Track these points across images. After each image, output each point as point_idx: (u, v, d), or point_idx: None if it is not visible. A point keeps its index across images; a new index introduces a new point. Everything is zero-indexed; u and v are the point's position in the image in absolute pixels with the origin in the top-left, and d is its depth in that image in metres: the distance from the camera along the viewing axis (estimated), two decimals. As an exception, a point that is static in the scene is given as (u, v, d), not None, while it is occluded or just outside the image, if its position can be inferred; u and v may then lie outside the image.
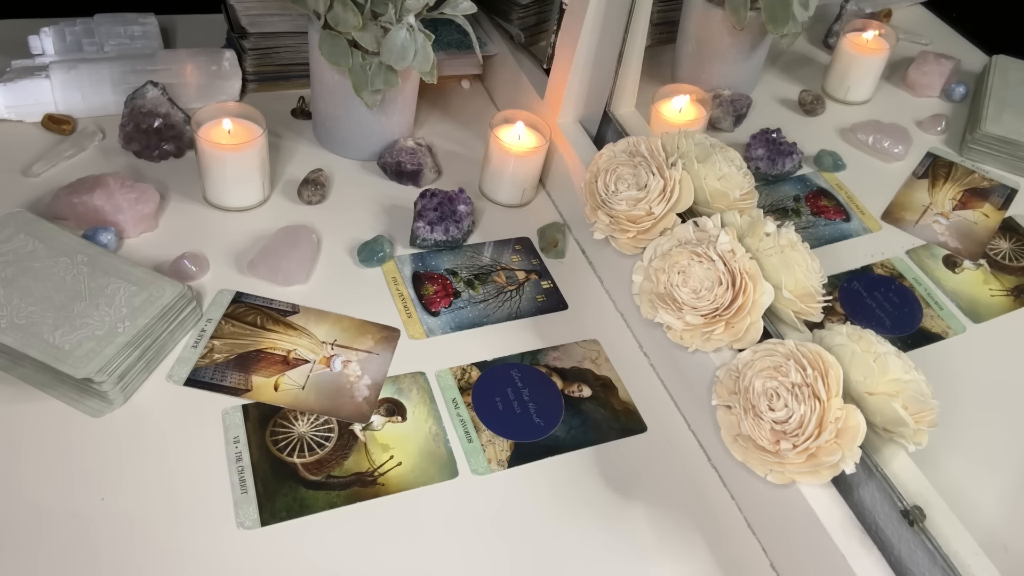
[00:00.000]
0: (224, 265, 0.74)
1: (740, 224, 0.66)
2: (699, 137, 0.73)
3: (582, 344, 0.74)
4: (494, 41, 0.98)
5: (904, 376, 0.55)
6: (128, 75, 0.86)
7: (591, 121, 0.85)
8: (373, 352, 0.69)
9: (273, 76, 0.94)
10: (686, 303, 0.63)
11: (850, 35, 0.96)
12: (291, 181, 0.84)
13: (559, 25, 0.83)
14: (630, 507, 0.63)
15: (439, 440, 0.64)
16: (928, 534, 0.53)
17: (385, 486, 0.61)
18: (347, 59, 0.77)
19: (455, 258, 0.80)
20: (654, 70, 0.86)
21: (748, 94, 0.93)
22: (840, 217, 0.83)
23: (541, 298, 0.77)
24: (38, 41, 0.86)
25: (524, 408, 0.68)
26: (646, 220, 0.69)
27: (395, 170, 0.86)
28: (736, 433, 0.59)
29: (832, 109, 0.97)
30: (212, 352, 0.67)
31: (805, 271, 0.62)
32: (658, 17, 0.89)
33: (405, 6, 0.73)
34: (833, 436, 0.54)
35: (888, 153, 0.90)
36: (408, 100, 0.86)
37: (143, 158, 0.83)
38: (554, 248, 0.82)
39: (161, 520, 0.56)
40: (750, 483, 0.61)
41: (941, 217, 0.83)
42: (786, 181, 0.86)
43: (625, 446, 0.67)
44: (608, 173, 0.71)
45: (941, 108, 0.98)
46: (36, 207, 0.75)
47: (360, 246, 0.77)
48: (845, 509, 0.56)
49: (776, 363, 0.56)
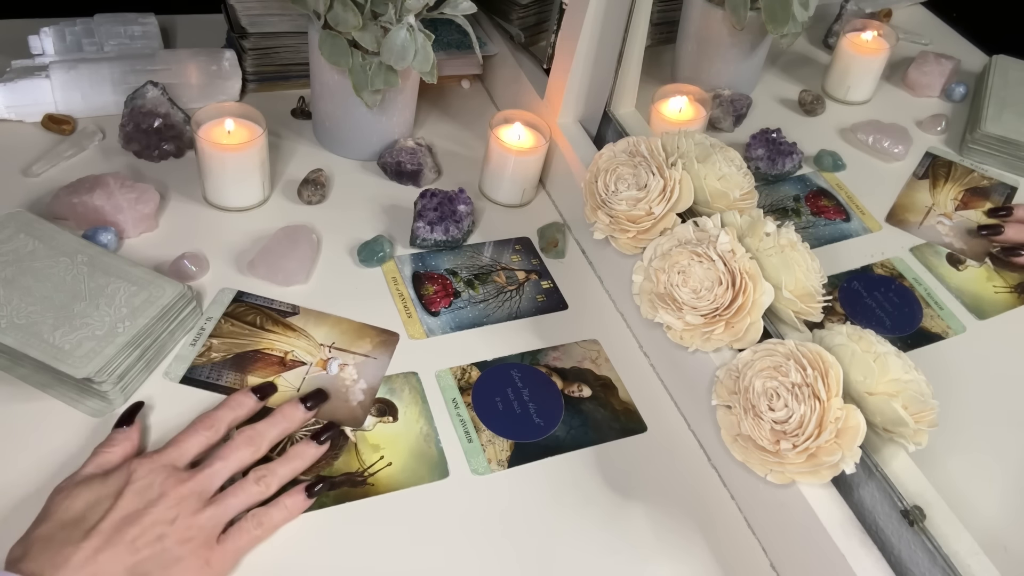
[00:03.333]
0: (224, 265, 0.74)
1: (740, 224, 0.66)
2: (699, 137, 0.73)
3: (582, 344, 0.74)
4: (494, 41, 0.98)
5: (904, 376, 0.55)
6: (128, 75, 0.86)
7: (591, 121, 0.85)
8: (371, 356, 0.69)
9: (273, 76, 0.94)
10: (686, 303, 0.63)
11: (850, 35, 0.96)
12: (291, 181, 0.84)
13: (559, 25, 0.83)
14: (630, 507, 0.63)
15: (430, 440, 0.64)
16: (928, 534, 0.53)
17: (375, 486, 0.61)
18: (347, 59, 0.77)
19: (455, 258, 0.80)
20: (654, 70, 0.86)
21: (748, 94, 0.93)
22: (840, 217, 0.83)
23: (541, 298, 0.77)
24: (38, 41, 0.86)
25: (524, 408, 0.68)
26: (646, 220, 0.69)
27: (395, 170, 0.86)
28: (736, 433, 0.59)
29: (832, 109, 0.97)
30: (210, 351, 0.67)
31: (805, 271, 0.62)
32: (658, 17, 0.89)
33: (405, 6, 0.73)
34: (833, 436, 0.54)
35: (888, 153, 0.90)
36: (408, 100, 0.86)
37: (143, 158, 0.83)
38: (554, 248, 0.82)
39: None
40: (750, 483, 0.61)
41: (944, 218, 0.83)
42: (786, 181, 0.86)
43: (625, 446, 0.67)
44: (608, 173, 0.71)
45: (941, 108, 0.98)
46: (36, 207, 0.75)
47: (360, 246, 0.77)
48: (845, 509, 0.56)
49: (776, 363, 0.56)
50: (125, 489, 0.51)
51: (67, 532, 0.49)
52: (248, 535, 0.54)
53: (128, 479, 0.52)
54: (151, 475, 0.52)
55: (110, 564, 0.48)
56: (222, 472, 0.55)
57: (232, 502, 0.54)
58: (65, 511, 0.50)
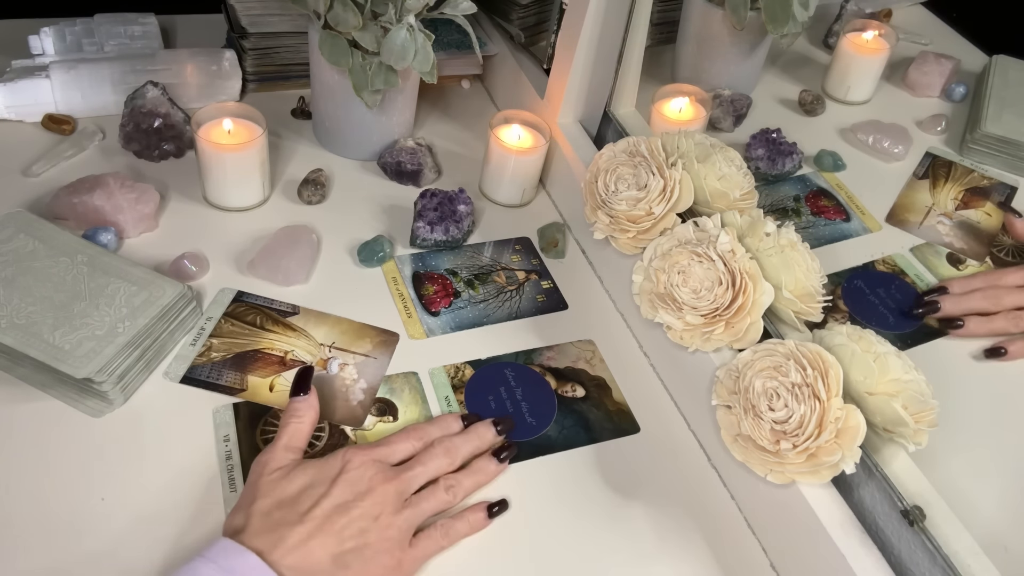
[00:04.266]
0: (224, 265, 0.74)
1: (740, 224, 0.66)
2: (699, 137, 0.73)
3: (577, 344, 0.74)
4: (494, 41, 0.98)
5: (904, 376, 0.55)
6: (128, 75, 0.86)
7: (591, 121, 0.85)
8: (371, 356, 0.69)
9: (273, 76, 0.94)
10: (686, 303, 0.63)
11: (850, 35, 0.96)
12: (291, 181, 0.84)
13: (559, 25, 0.83)
14: (629, 507, 0.63)
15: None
16: (928, 534, 0.53)
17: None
18: (347, 59, 0.77)
19: (455, 258, 0.80)
20: (654, 70, 0.86)
21: (748, 94, 0.93)
22: (840, 217, 0.83)
23: (541, 298, 0.77)
24: (38, 41, 0.86)
25: (517, 407, 0.68)
26: (646, 220, 0.69)
27: (395, 170, 0.86)
28: (736, 433, 0.59)
29: (832, 109, 0.97)
30: (210, 351, 0.67)
31: (805, 271, 0.62)
32: (658, 17, 0.89)
33: (405, 6, 0.73)
34: (833, 436, 0.54)
35: (888, 153, 0.90)
36: (408, 100, 0.86)
37: (143, 158, 0.83)
38: (554, 248, 0.82)
39: (160, 520, 0.56)
40: (750, 483, 0.61)
41: (945, 218, 0.83)
42: (786, 181, 0.86)
43: (622, 446, 0.67)
44: (608, 173, 0.71)
45: (941, 108, 0.98)
46: (36, 207, 0.75)
47: (360, 246, 0.77)
48: (845, 509, 0.56)
49: (776, 363, 0.56)
50: (339, 477, 0.54)
51: (283, 512, 0.52)
52: (435, 543, 0.56)
53: (343, 468, 0.55)
54: (363, 468, 0.55)
55: (319, 550, 0.51)
56: (421, 477, 0.57)
57: (425, 506, 0.57)
58: (283, 491, 0.53)
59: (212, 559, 0.49)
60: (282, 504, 0.53)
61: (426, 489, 0.58)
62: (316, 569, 0.51)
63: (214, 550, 0.50)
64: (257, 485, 0.54)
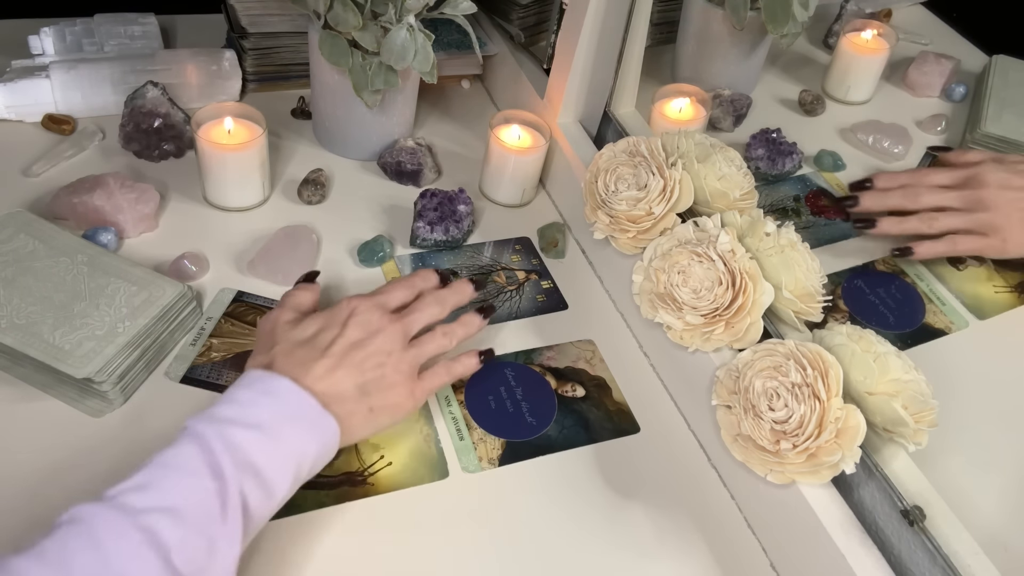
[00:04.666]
0: (224, 265, 0.74)
1: (740, 224, 0.66)
2: (699, 137, 0.73)
3: (577, 344, 0.74)
4: (494, 41, 0.98)
5: (904, 376, 0.55)
6: (128, 75, 0.86)
7: (591, 121, 0.85)
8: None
9: (273, 76, 0.94)
10: (686, 303, 0.63)
11: (850, 35, 0.96)
12: (291, 181, 0.84)
13: (559, 25, 0.83)
14: (629, 507, 0.63)
15: (430, 441, 0.64)
16: (928, 534, 0.53)
17: (375, 486, 0.61)
18: (347, 59, 0.77)
19: (455, 258, 0.80)
20: (654, 70, 0.86)
21: (748, 94, 0.93)
22: (840, 217, 0.83)
23: (541, 298, 0.77)
24: (38, 41, 0.86)
25: (516, 407, 0.68)
26: (646, 220, 0.69)
27: (395, 170, 0.86)
28: (736, 433, 0.59)
29: (832, 109, 0.97)
30: (210, 351, 0.67)
31: (805, 271, 0.62)
32: (658, 17, 0.89)
33: (405, 6, 0.73)
34: (833, 436, 0.54)
35: (888, 153, 0.90)
36: (408, 100, 0.86)
37: (143, 158, 0.83)
38: (554, 248, 0.82)
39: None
40: (750, 483, 0.61)
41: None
42: (786, 181, 0.86)
43: (622, 446, 0.67)
44: (608, 173, 0.71)
45: (941, 108, 0.98)
46: (36, 207, 0.75)
47: (360, 246, 0.77)
48: (845, 509, 0.56)
49: (776, 363, 0.56)
50: (349, 320, 0.59)
51: (305, 351, 0.57)
52: (440, 378, 0.63)
53: (351, 312, 0.59)
54: (369, 312, 0.60)
55: (345, 379, 0.56)
56: (419, 321, 0.63)
57: (427, 348, 0.62)
58: (300, 333, 0.58)
59: (247, 386, 0.53)
60: (302, 343, 0.57)
61: (426, 334, 0.63)
62: (344, 396, 0.55)
63: (247, 379, 0.54)
64: (273, 333, 0.59)
